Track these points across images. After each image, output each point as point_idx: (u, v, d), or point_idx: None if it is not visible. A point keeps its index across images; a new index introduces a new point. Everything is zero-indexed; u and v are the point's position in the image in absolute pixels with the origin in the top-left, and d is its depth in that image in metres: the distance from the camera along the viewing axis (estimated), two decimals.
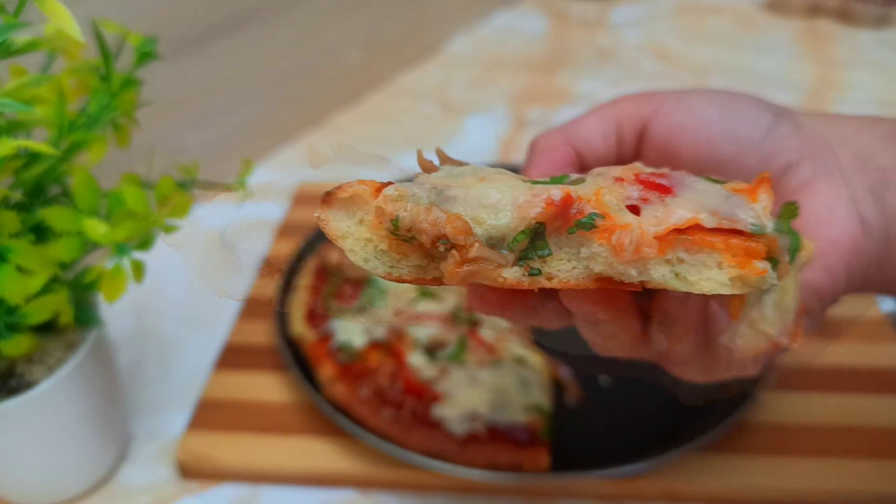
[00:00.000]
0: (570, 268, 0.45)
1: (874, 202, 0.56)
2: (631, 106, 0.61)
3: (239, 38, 1.27)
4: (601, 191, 0.44)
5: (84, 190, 0.60)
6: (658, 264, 0.43)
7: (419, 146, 1.32)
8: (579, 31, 2.04)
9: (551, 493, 0.79)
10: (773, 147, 0.58)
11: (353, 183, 0.48)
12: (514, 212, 0.44)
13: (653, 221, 0.43)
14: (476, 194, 0.45)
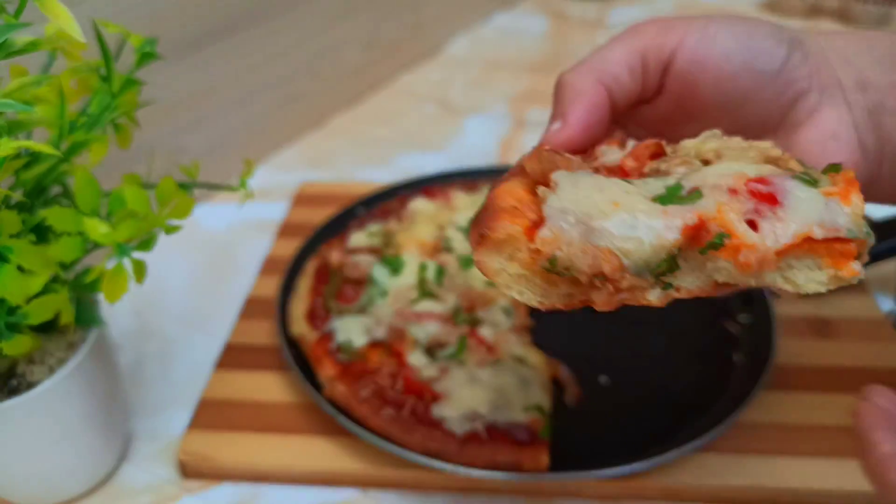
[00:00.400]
0: (695, 279, 0.51)
1: (871, 125, 0.61)
2: (655, 37, 0.62)
3: (240, 39, 1.27)
4: (723, 208, 0.48)
5: (85, 190, 0.61)
6: (773, 272, 0.49)
7: (420, 147, 1.32)
8: (578, 31, 2.04)
9: (551, 493, 0.79)
10: (787, 78, 0.60)
11: (506, 223, 0.51)
12: (655, 241, 0.48)
13: (772, 238, 0.48)
14: (617, 225, 0.49)
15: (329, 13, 1.47)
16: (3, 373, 0.70)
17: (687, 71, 0.61)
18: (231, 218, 1.23)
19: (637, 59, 0.63)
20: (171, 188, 0.65)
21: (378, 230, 1.07)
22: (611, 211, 0.49)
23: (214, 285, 1.10)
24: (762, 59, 0.60)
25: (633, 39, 0.63)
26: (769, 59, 0.60)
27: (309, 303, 0.94)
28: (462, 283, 0.96)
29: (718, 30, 0.61)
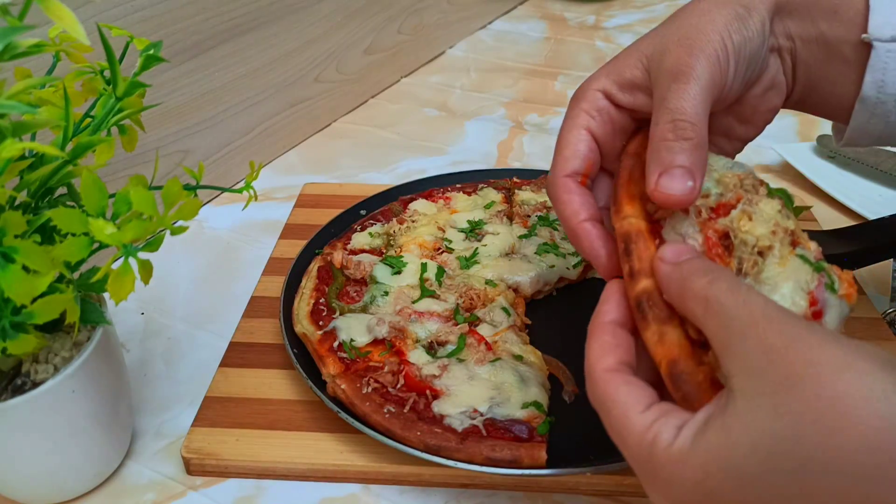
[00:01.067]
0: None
1: (793, 71, 0.77)
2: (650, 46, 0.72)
3: (244, 42, 1.28)
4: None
5: (91, 191, 0.61)
6: None
7: (421, 149, 1.33)
8: (576, 36, 2.05)
9: (549, 488, 0.80)
10: (762, 66, 0.74)
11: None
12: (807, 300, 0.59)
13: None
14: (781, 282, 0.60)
15: (332, 18, 1.48)
16: (9, 372, 0.71)
17: (724, 98, 0.70)
18: (236, 219, 1.24)
19: (711, 104, 0.67)
20: (177, 190, 0.65)
21: (380, 231, 1.08)
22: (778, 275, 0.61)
23: (219, 285, 1.11)
24: (755, 68, 0.72)
25: (704, 84, 0.66)
26: (758, 66, 0.72)
27: (312, 302, 0.95)
28: (462, 282, 0.97)
29: (740, 54, 0.68)
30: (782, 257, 0.62)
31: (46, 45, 0.61)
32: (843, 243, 1.02)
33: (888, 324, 0.98)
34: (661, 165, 0.62)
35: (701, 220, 0.64)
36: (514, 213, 1.12)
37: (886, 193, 1.28)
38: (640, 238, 0.62)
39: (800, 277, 0.60)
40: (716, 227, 0.63)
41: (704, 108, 0.64)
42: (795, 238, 0.64)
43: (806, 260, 0.62)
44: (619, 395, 0.56)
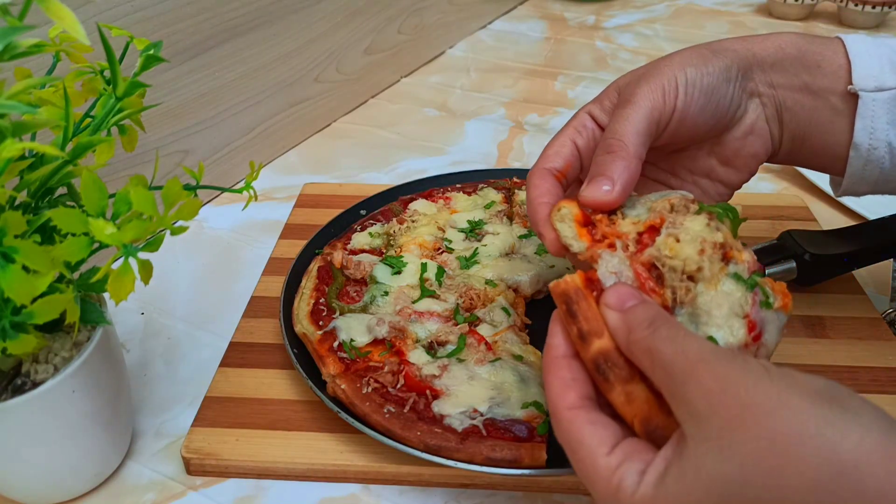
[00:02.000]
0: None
1: (777, 117, 0.82)
2: (658, 105, 0.75)
3: (243, 42, 1.28)
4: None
5: (91, 191, 0.61)
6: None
7: (421, 149, 1.33)
8: (576, 36, 2.05)
9: (549, 488, 0.80)
10: (733, 107, 0.80)
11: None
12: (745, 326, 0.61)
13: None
14: (714, 310, 0.62)
15: (332, 18, 1.48)
16: (9, 372, 0.71)
17: (676, 125, 0.76)
18: (236, 219, 1.24)
19: (652, 128, 0.74)
20: (177, 190, 0.65)
21: (380, 231, 1.08)
22: (707, 295, 0.63)
23: (219, 285, 1.11)
24: (722, 102, 0.78)
25: (642, 111, 0.73)
26: (726, 101, 0.78)
27: (312, 302, 0.95)
28: (462, 282, 0.97)
29: (694, 87, 0.75)
30: (713, 277, 0.63)
31: (46, 45, 0.61)
32: (843, 243, 1.02)
33: (888, 324, 0.98)
34: (589, 176, 0.71)
35: (629, 255, 0.65)
36: (514, 213, 1.12)
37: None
38: (580, 297, 0.62)
39: (733, 301, 0.62)
40: (642, 260, 0.64)
41: (638, 129, 0.72)
42: (728, 251, 0.65)
43: (738, 278, 0.63)
44: (585, 437, 0.57)
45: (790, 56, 0.80)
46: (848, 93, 0.78)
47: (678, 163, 0.86)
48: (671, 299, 0.63)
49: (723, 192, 0.86)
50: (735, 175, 0.85)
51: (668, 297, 0.63)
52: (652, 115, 0.73)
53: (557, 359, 0.62)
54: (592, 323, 0.61)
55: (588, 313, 0.61)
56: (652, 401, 0.58)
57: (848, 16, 2.07)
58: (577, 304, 0.62)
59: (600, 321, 0.61)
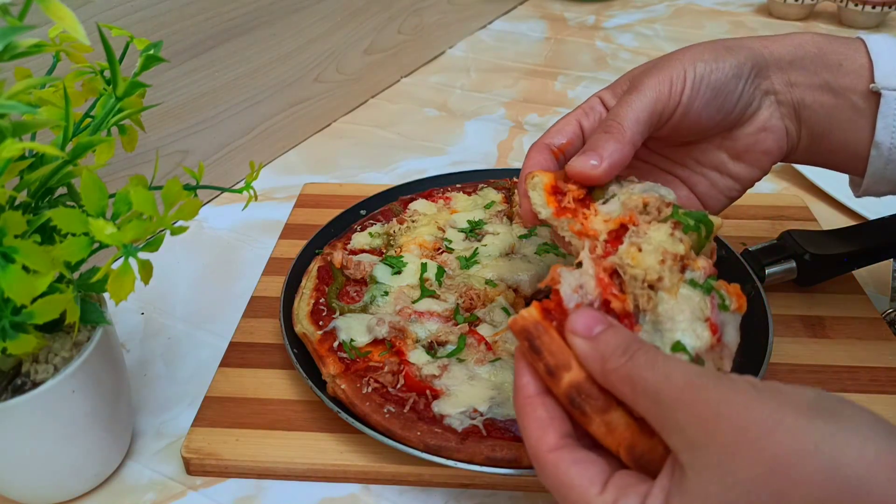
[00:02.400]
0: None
1: (794, 115, 0.82)
2: (663, 95, 0.76)
3: (243, 42, 1.28)
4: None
5: (91, 191, 0.60)
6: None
7: (421, 149, 1.33)
8: (576, 36, 2.05)
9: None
10: (742, 103, 0.81)
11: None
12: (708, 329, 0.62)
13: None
14: (678, 315, 0.62)
15: (332, 18, 1.48)
16: (9, 372, 0.71)
17: (680, 117, 0.77)
18: (236, 219, 1.24)
19: (654, 118, 0.76)
20: (177, 190, 0.65)
21: (380, 231, 1.08)
22: (669, 303, 0.63)
23: (219, 285, 1.11)
24: (730, 99, 0.79)
25: (646, 100, 0.75)
26: (735, 98, 0.79)
27: (312, 302, 0.95)
28: (462, 282, 0.97)
29: (701, 82, 0.77)
30: (672, 286, 0.63)
31: (46, 45, 0.61)
32: (843, 243, 1.02)
33: (888, 324, 0.98)
34: (582, 150, 0.73)
35: (595, 258, 0.65)
36: (514, 213, 1.12)
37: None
38: (540, 331, 0.60)
39: (693, 305, 0.63)
40: (605, 266, 0.64)
41: (639, 116, 0.74)
42: (685, 261, 0.65)
43: (695, 284, 0.64)
44: (574, 479, 0.56)
45: (810, 54, 0.80)
46: (870, 92, 0.78)
47: (688, 155, 0.86)
48: (633, 306, 0.63)
49: (732, 187, 0.86)
50: (746, 170, 0.85)
51: (630, 303, 0.63)
52: (655, 106, 0.75)
53: (530, 398, 0.61)
54: (558, 356, 0.59)
55: (552, 346, 0.59)
56: (633, 426, 0.57)
57: (848, 16, 2.07)
58: (539, 339, 0.60)
59: (566, 352, 0.59)
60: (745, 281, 0.98)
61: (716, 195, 0.86)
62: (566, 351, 0.59)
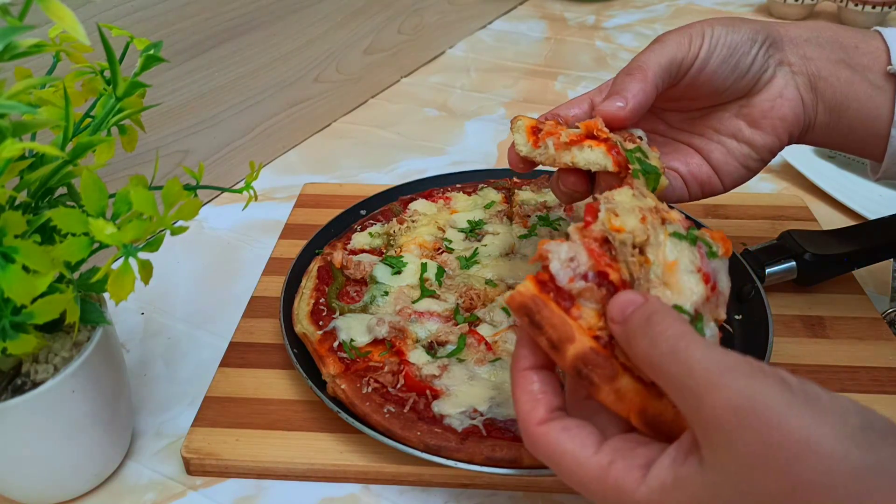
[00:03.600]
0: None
1: (810, 86, 0.83)
2: (681, 48, 0.80)
3: (243, 42, 1.28)
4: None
5: (91, 191, 0.60)
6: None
7: (421, 149, 1.33)
8: (576, 36, 2.05)
9: (549, 488, 0.80)
10: (756, 68, 0.83)
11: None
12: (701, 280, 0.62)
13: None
14: (671, 277, 0.62)
15: (332, 18, 1.48)
16: (9, 372, 0.71)
17: (696, 71, 0.81)
18: (236, 219, 1.24)
19: (674, 66, 0.79)
20: (177, 190, 0.65)
21: (380, 231, 1.08)
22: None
23: (219, 285, 1.11)
24: (744, 60, 0.81)
25: (668, 49, 0.79)
26: (748, 60, 0.81)
27: (312, 302, 0.95)
28: (462, 282, 0.97)
29: (718, 41, 0.80)
30: (659, 244, 0.63)
31: (46, 45, 0.61)
32: (843, 243, 1.02)
33: (888, 324, 0.98)
34: (608, 93, 0.80)
35: (578, 228, 0.63)
36: (514, 213, 1.12)
37: (886, 193, 1.29)
38: (540, 305, 0.59)
39: (684, 259, 0.62)
40: (594, 236, 0.62)
41: (661, 62, 0.78)
42: (661, 214, 0.66)
43: (679, 236, 0.63)
44: (563, 445, 0.56)
45: (825, 37, 0.83)
46: (887, 73, 0.79)
47: (705, 123, 0.87)
48: (627, 274, 0.61)
49: (749, 155, 0.86)
50: (762, 138, 0.85)
51: (624, 272, 0.61)
52: (676, 56, 0.79)
53: (524, 371, 0.61)
54: (560, 329, 0.58)
55: (553, 320, 0.58)
56: (642, 391, 0.57)
57: (848, 16, 2.07)
58: (539, 314, 0.59)
59: (567, 324, 0.58)
60: (746, 281, 0.98)
61: (732, 163, 0.86)
62: (567, 323, 0.58)
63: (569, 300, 0.59)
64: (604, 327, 0.59)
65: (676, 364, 0.51)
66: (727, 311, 0.62)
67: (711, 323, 0.62)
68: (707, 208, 1.21)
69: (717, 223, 1.17)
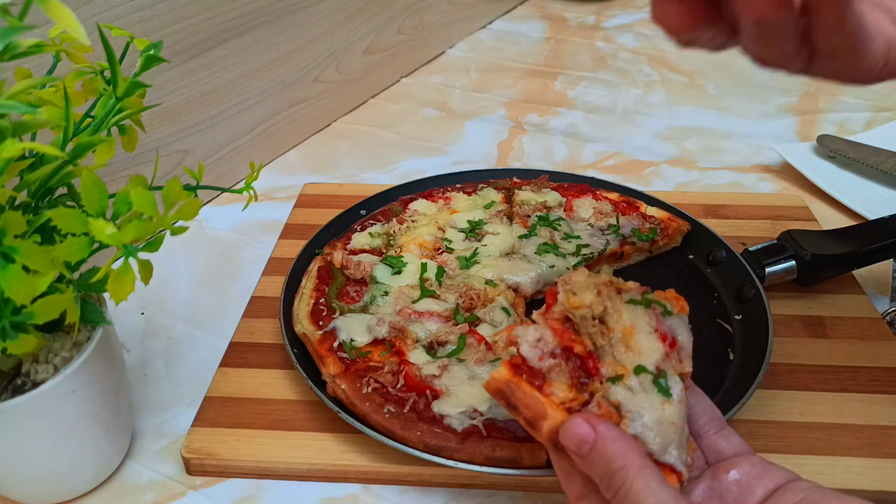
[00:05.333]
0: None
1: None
2: None
3: (244, 42, 1.28)
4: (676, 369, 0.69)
5: (91, 191, 0.60)
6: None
7: (421, 149, 1.33)
8: (576, 36, 2.05)
9: (549, 488, 0.80)
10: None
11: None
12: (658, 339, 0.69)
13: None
14: (631, 340, 0.68)
15: (332, 18, 1.48)
16: (9, 372, 0.71)
17: None
18: (236, 219, 1.24)
19: None
20: (177, 190, 0.64)
21: (380, 231, 1.08)
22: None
23: (219, 285, 1.11)
24: None
25: None
26: None
27: (312, 302, 0.95)
28: (462, 282, 0.97)
29: None
30: (616, 312, 0.68)
31: (46, 45, 0.61)
32: (843, 243, 1.02)
33: (888, 324, 0.98)
34: None
35: (542, 314, 0.69)
36: (514, 213, 1.12)
37: (886, 193, 1.29)
38: (513, 388, 0.65)
39: (641, 322, 0.68)
40: (555, 317, 0.68)
41: None
42: (616, 286, 0.70)
43: (635, 301, 0.69)
44: None
45: None
46: None
47: None
48: (591, 345, 0.67)
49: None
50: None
51: (588, 343, 0.66)
52: None
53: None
54: (533, 408, 0.64)
55: (527, 400, 0.64)
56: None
57: None
58: (513, 396, 0.65)
59: (539, 402, 0.64)
60: (746, 281, 0.98)
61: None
62: (539, 401, 0.64)
63: (540, 378, 0.66)
64: (574, 398, 0.65)
65: None
66: (730, 313, 0.64)
67: (675, 377, 0.67)
68: (707, 208, 1.21)
69: (718, 223, 1.16)
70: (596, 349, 0.67)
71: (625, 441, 0.60)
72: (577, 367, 0.66)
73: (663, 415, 0.63)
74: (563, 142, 1.50)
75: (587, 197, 1.16)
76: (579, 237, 1.07)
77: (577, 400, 0.65)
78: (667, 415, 0.64)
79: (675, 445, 0.63)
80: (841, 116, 1.59)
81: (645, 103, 1.67)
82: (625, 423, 0.63)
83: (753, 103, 1.65)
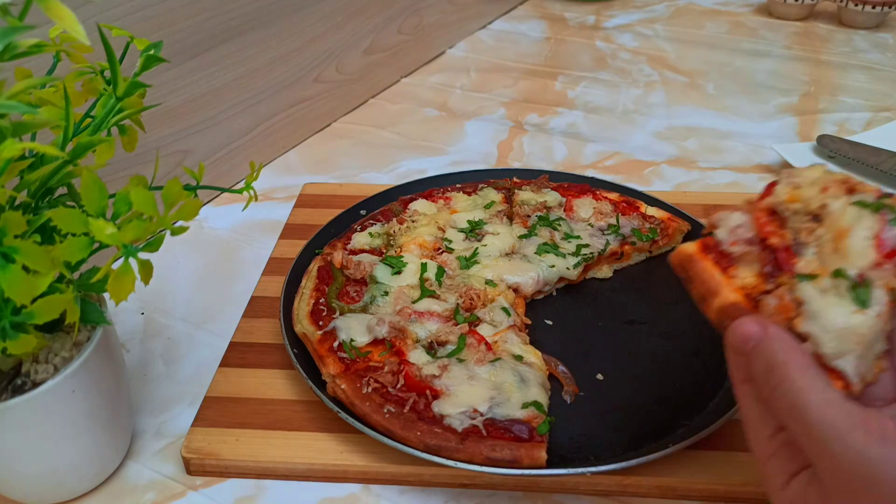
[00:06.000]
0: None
1: None
2: None
3: (244, 43, 1.28)
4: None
5: (91, 191, 0.60)
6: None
7: (421, 149, 1.33)
8: (576, 36, 2.05)
9: (549, 488, 0.80)
10: None
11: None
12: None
13: None
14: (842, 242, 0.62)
15: (332, 18, 1.48)
16: (9, 372, 0.71)
17: None
18: (236, 219, 1.24)
19: None
20: (177, 190, 0.64)
21: (380, 231, 1.08)
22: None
23: (219, 285, 1.11)
24: None
25: None
26: None
27: (312, 302, 0.95)
28: (462, 282, 0.97)
29: None
30: (838, 211, 0.63)
31: (46, 45, 0.61)
32: None
33: None
34: None
35: (750, 200, 0.67)
36: (514, 213, 1.12)
37: None
38: (693, 262, 0.66)
39: (861, 225, 0.61)
40: (762, 207, 0.66)
41: None
42: (851, 186, 0.65)
43: (864, 204, 0.62)
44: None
45: None
46: None
47: None
48: (792, 240, 0.64)
49: None
50: None
51: (788, 237, 0.64)
52: None
53: (763, 440, 0.63)
54: (708, 283, 0.65)
55: (703, 276, 0.65)
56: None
57: (848, 16, 2.06)
58: (692, 270, 0.67)
59: (714, 279, 0.65)
60: None
61: None
62: (714, 278, 0.65)
63: (727, 261, 0.66)
64: (759, 287, 0.64)
65: (794, 421, 0.56)
66: None
67: (882, 291, 0.60)
68: (707, 208, 1.21)
69: None
70: (797, 244, 0.64)
71: (792, 341, 0.58)
72: (769, 259, 0.64)
73: (848, 322, 0.59)
74: (563, 142, 1.50)
75: (587, 197, 1.16)
76: (579, 237, 1.07)
77: (758, 288, 0.64)
78: (853, 323, 0.59)
79: (854, 355, 0.59)
80: (841, 116, 1.59)
81: (645, 103, 1.67)
82: (800, 320, 0.60)
83: (753, 103, 1.65)
